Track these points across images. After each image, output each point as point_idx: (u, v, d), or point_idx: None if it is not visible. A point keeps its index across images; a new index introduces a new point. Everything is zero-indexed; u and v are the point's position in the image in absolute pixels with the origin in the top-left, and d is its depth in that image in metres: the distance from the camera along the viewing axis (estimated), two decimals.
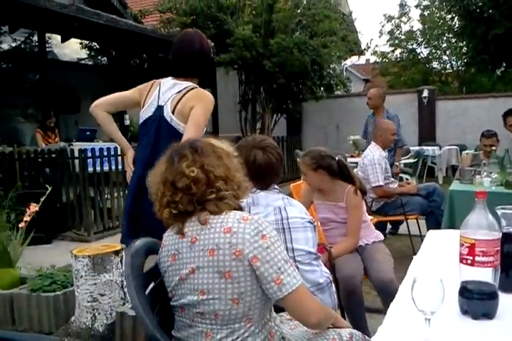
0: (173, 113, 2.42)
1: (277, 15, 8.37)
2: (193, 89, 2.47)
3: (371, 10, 50.30)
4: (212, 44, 2.80)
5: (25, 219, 3.41)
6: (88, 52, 8.80)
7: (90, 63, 8.88)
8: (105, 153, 5.81)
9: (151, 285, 1.64)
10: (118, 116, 8.51)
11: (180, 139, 2.12)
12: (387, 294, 2.32)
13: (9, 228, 3.43)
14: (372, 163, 4.13)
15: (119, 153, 5.99)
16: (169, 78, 2.55)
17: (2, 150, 6.00)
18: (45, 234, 5.23)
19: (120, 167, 6.02)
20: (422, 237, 4.44)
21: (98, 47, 8.29)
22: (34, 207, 3.41)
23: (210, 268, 1.40)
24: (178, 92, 2.46)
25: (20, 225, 3.41)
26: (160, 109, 2.46)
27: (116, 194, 6.06)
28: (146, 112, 2.51)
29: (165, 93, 2.48)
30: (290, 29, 8.69)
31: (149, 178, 1.55)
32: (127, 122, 8.30)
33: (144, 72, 9.37)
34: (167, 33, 9.15)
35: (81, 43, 8.48)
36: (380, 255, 2.74)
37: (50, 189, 3.57)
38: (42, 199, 3.64)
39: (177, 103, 2.42)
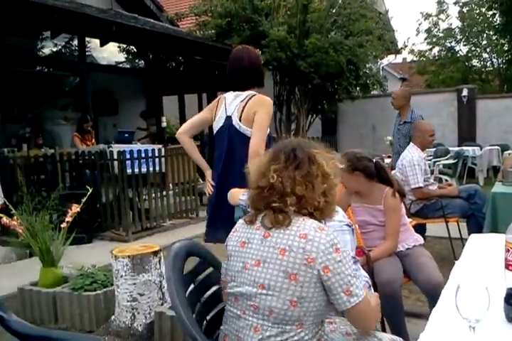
0: (240, 120, 2.70)
1: (312, 16, 8.33)
2: (253, 96, 2.74)
3: (408, 8, 49.44)
4: (260, 53, 2.95)
5: (67, 219, 3.51)
6: (126, 55, 8.98)
7: (128, 66, 9.06)
8: (143, 155, 5.92)
9: (191, 287, 1.66)
10: (156, 119, 8.67)
11: (243, 140, 2.62)
12: (436, 298, 2.28)
13: (52, 228, 3.53)
14: (411, 164, 4.05)
15: (156, 154, 6.10)
16: (230, 92, 2.83)
17: (44, 152, 6.19)
18: (86, 233, 5.37)
19: (157, 168, 6.13)
20: (462, 240, 4.33)
21: (135, 50, 8.45)
22: (76, 208, 3.50)
23: (277, 265, 1.42)
24: (241, 101, 2.74)
25: (62, 225, 3.51)
26: (229, 119, 2.75)
27: (153, 195, 6.17)
28: (217, 124, 2.81)
29: (230, 104, 2.77)
30: (325, 29, 8.63)
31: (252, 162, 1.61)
32: (164, 124, 8.43)
33: (180, 74, 9.49)
34: (202, 36, 9.26)
35: (119, 47, 8.66)
36: (424, 259, 2.68)
37: (90, 190, 3.65)
38: (83, 200, 3.75)
39: (242, 111, 2.70)
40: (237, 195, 2.27)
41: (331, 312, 1.51)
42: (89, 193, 3.65)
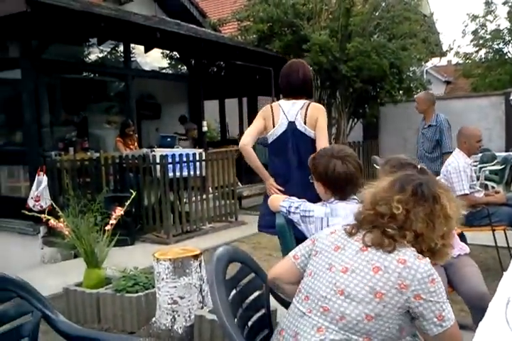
0: (304, 123, 3.03)
1: (355, 19, 8.25)
2: (309, 104, 3.09)
3: (453, 10, 48.21)
4: (311, 68, 3.24)
5: (111, 222, 3.59)
6: (169, 61, 9.15)
7: (171, 72, 9.23)
8: (184, 159, 6.00)
9: (233, 292, 1.67)
10: (197, 123, 8.78)
11: (312, 142, 3.01)
12: (479, 309, 2.19)
13: (96, 230, 3.61)
14: (457, 170, 3.93)
15: (197, 158, 6.17)
16: (282, 100, 3.17)
17: (90, 155, 6.36)
18: (128, 236, 5.48)
19: (198, 172, 6.20)
20: (510, 250, 4.16)
21: (178, 56, 8.59)
22: (120, 211, 3.58)
23: (365, 279, 1.43)
24: (301, 108, 3.06)
25: (106, 228, 3.59)
26: (292, 124, 3.05)
27: (194, 198, 6.24)
28: (279, 129, 3.08)
29: (289, 111, 3.07)
30: (368, 32, 8.51)
31: (374, 185, 1.61)
32: (205, 129, 8.52)
33: (221, 79, 9.59)
34: (244, 41, 9.32)
35: (162, 53, 8.84)
36: (469, 268, 2.59)
37: (134, 194, 3.72)
38: (127, 203, 3.83)
39: (305, 116, 3.03)
40: (278, 201, 2.26)
41: (399, 340, 1.49)
42: (132, 196, 3.73)
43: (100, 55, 8.17)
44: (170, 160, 5.79)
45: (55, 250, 5.51)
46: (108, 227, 3.56)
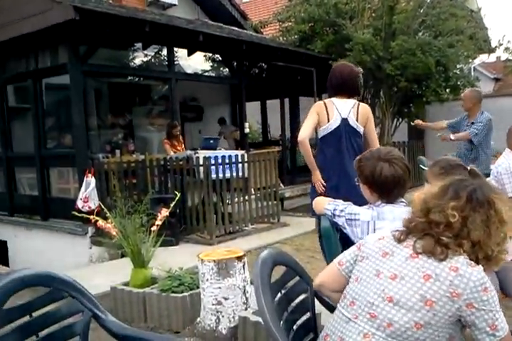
0: (356, 121, 3.39)
1: (399, 17, 8.08)
2: (359, 103, 3.46)
3: (503, 4, 46.48)
4: (359, 70, 3.60)
5: (156, 223, 3.66)
6: (211, 63, 9.24)
7: (213, 74, 9.32)
8: (227, 161, 6.04)
9: (278, 295, 1.66)
10: (239, 124, 8.83)
11: (360, 136, 3.42)
12: None
13: (142, 231, 3.69)
14: (508, 171, 3.77)
15: (239, 160, 6.21)
16: (334, 98, 3.45)
17: (136, 158, 6.50)
18: (173, 236, 5.56)
19: (240, 174, 6.23)
20: None
21: (220, 58, 8.67)
22: (165, 212, 3.64)
23: (415, 287, 1.40)
24: (352, 107, 3.41)
25: (152, 228, 3.66)
26: (345, 120, 3.38)
27: (236, 199, 6.28)
28: (333, 124, 3.39)
29: (342, 109, 3.39)
30: (412, 30, 8.32)
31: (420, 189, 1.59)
32: (247, 130, 8.56)
33: (263, 80, 9.60)
34: (285, 42, 9.31)
35: (204, 56, 8.94)
36: None
37: (179, 195, 3.78)
38: (172, 205, 3.89)
39: (357, 114, 3.39)
40: (323, 204, 2.24)
41: None
42: (177, 198, 3.78)
43: (145, 59, 8.34)
44: (213, 161, 5.85)
45: (103, 249, 5.67)
46: (154, 228, 3.63)
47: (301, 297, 1.81)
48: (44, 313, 1.50)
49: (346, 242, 2.09)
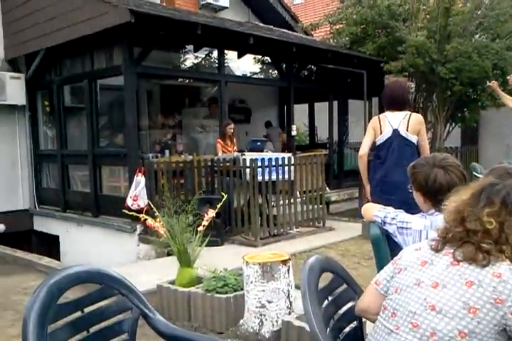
0: (407, 130, 3.75)
1: (455, 19, 7.83)
2: (411, 114, 3.82)
3: None
4: (411, 83, 4.24)
5: (203, 223, 3.70)
6: (260, 65, 9.27)
7: (262, 76, 9.34)
8: (273, 163, 6.04)
9: (325, 302, 1.63)
10: (287, 127, 8.81)
11: (410, 145, 3.75)
12: None
13: (189, 231, 3.74)
14: None
15: (286, 163, 6.19)
16: (387, 112, 3.89)
17: (184, 158, 6.61)
18: (218, 236, 5.62)
19: (287, 176, 6.21)
20: None
21: (269, 60, 8.68)
22: (212, 212, 3.68)
23: (458, 294, 1.37)
24: (403, 118, 3.78)
25: (199, 229, 3.71)
26: (396, 130, 3.78)
27: (281, 202, 6.26)
28: (385, 135, 3.81)
29: (394, 121, 3.80)
30: (469, 32, 8.05)
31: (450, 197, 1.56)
32: (294, 132, 8.53)
33: (312, 83, 9.55)
34: (336, 44, 9.22)
35: (254, 58, 8.99)
36: None
37: (225, 197, 3.81)
38: (218, 206, 3.93)
39: (407, 125, 3.75)
40: (372, 211, 2.19)
41: None
42: (224, 199, 3.81)
43: (195, 61, 8.47)
44: (259, 163, 5.86)
45: (150, 247, 5.79)
46: (200, 228, 3.67)
47: (349, 305, 1.78)
48: (95, 309, 1.54)
49: (394, 250, 2.04)
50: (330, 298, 1.69)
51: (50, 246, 7.66)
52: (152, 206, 4.12)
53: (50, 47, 6.76)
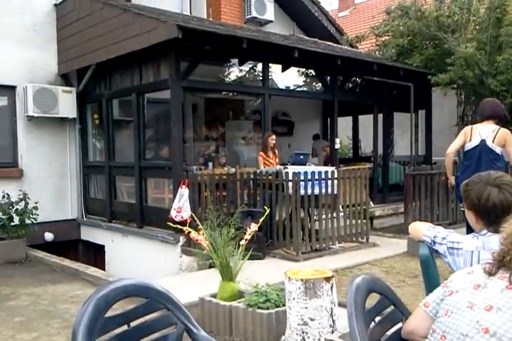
0: (492, 142, 4.55)
1: (507, 29, 7.59)
2: (499, 129, 4.59)
3: None
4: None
5: (245, 237, 3.69)
6: (304, 78, 9.27)
7: (305, 89, 9.34)
8: (316, 177, 5.99)
9: (372, 324, 1.58)
10: (330, 140, 8.75)
11: (496, 154, 4.56)
12: None
13: (232, 244, 3.73)
14: None
15: (329, 176, 6.12)
16: (479, 124, 4.73)
17: (227, 171, 6.65)
18: (260, 250, 5.59)
19: (329, 190, 6.13)
20: None
21: (314, 73, 8.67)
22: (255, 226, 3.67)
23: None
24: (492, 131, 4.58)
25: (241, 242, 3.70)
26: (483, 141, 4.59)
27: (324, 216, 6.18)
28: (473, 143, 4.65)
29: (483, 132, 4.60)
30: None
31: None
32: (337, 146, 8.45)
33: (356, 96, 9.46)
34: (381, 56, 9.12)
35: (298, 71, 9.00)
36: None
37: (268, 210, 3.79)
38: (260, 219, 3.91)
39: (494, 137, 4.56)
40: (421, 230, 2.11)
41: None
42: (266, 213, 3.79)
43: (239, 75, 8.56)
44: (302, 177, 5.82)
45: (192, 259, 5.83)
46: (243, 242, 3.66)
47: (396, 327, 1.72)
48: (141, 323, 1.55)
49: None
50: (377, 320, 1.64)
51: (95, 255, 7.86)
52: (195, 218, 4.15)
53: (101, 62, 7.01)
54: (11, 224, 6.56)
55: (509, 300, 1.35)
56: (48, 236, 7.55)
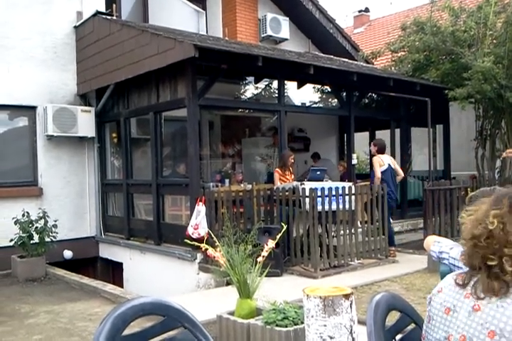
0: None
1: None
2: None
3: None
4: None
5: (262, 254, 3.67)
6: (320, 95, 9.31)
7: (321, 105, 9.36)
8: (333, 193, 5.95)
9: None
10: (347, 156, 8.72)
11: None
12: None
13: (249, 261, 3.71)
14: None
15: (346, 192, 6.08)
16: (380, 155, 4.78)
17: (244, 187, 6.65)
18: (277, 267, 5.54)
19: (347, 206, 6.09)
20: None
21: (329, 90, 8.70)
22: (272, 243, 3.64)
23: None
24: (390, 159, 4.57)
25: (258, 259, 3.68)
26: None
27: (342, 232, 6.12)
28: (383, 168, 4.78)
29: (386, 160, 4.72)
30: None
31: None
32: (354, 161, 8.41)
33: (373, 111, 9.44)
34: (397, 71, 9.11)
35: (314, 87, 9.04)
36: None
37: (285, 227, 3.77)
38: (278, 236, 3.89)
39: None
40: (429, 245, 2.07)
41: None
42: (284, 229, 3.77)
43: (255, 92, 8.63)
44: (319, 193, 5.79)
45: (209, 276, 5.80)
46: (260, 259, 3.64)
47: None
48: None
49: None
50: (398, 338, 1.60)
51: (114, 272, 7.88)
52: (212, 235, 4.15)
53: (119, 82, 7.14)
54: (31, 242, 6.63)
55: (477, 326, 1.29)
56: (67, 253, 7.61)
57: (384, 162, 6.70)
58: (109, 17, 7.64)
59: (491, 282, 1.30)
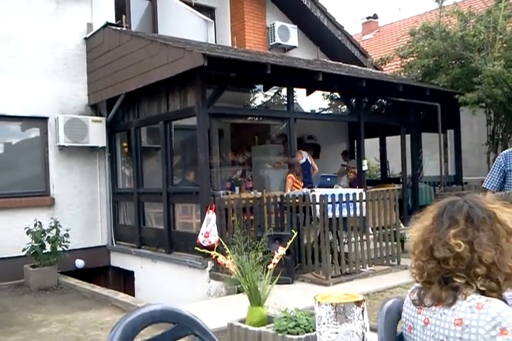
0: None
1: None
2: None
3: None
4: None
5: (273, 261, 3.65)
6: (329, 101, 9.31)
7: (331, 112, 9.35)
8: (344, 199, 5.93)
9: None
10: (357, 162, 8.69)
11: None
12: None
13: (260, 268, 3.70)
14: None
15: (357, 198, 6.05)
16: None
17: (254, 195, 6.65)
18: (288, 274, 5.52)
19: (358, 212, 6.05)
20: None
21: (338, 96, 8.70)
22: (282, 250, 3.63)
23: None
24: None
25: (269, 266, 3.66)
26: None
27: (353, 239, 6.08)
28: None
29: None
30: None
31: (412, 226, 1.49)
32: (365, 168, 8.37)
33: (383, 117, 9.42)
34: (407, 77, 9.10)
35: (323, 94, 9.05)
36: None
37: (295, 234, 3.76)
38: (288, 243, 3.88)
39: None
40: None
41: None
42: (294, 236, 3.76)
43: (264, 100, 8.66)
44: (330, 200, 5.77)
45: (220, 284, 5.79)
46: (271, 266, 3.63)
47: None
48: None
49: None
50: None
51: (125, 281, 7.89)
52: (223, 243, 4.15)
53: (129, 92, 7.20)
54: (43, 251, 6.67)
55: (429, 338, 1.29)
56: (79, 263, 7.65)
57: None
58: (118, 28, 7.73)
59: (440, 292, 1.29)
